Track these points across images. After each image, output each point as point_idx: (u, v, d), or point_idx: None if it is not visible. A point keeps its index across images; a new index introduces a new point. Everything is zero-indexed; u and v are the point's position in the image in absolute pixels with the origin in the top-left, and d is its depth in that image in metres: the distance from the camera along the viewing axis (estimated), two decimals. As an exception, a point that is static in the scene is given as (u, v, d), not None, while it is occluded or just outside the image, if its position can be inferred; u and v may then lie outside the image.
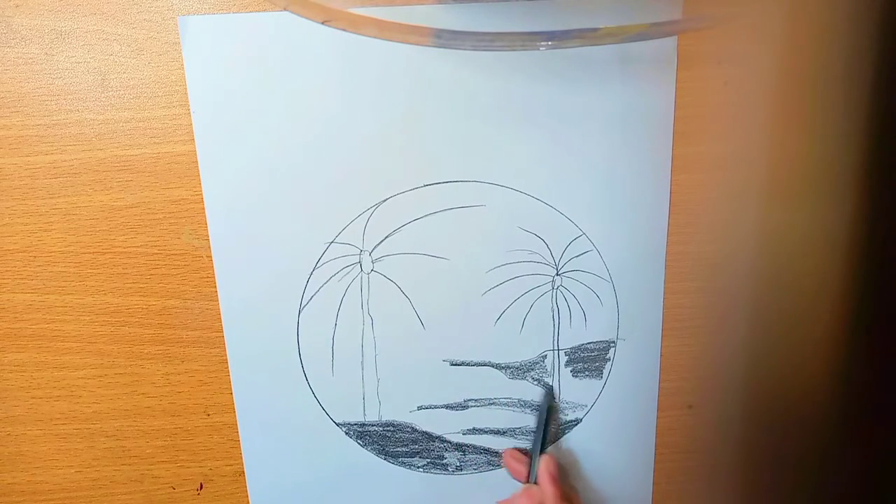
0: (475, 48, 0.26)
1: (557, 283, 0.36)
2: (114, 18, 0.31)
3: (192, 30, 0.31)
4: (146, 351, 0.35)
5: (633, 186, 0.35)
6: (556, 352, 0.37)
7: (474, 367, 0.37)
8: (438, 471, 0.38)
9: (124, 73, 0.32)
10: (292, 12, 0.25)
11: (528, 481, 0.35)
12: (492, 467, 0.38)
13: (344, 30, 0.25)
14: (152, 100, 0.32)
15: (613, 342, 0.37)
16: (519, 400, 0.37)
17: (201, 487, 0.38)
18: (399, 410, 0.37)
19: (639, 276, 0.36)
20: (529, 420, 0.37)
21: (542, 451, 0.36)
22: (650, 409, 0.38)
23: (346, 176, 0.34)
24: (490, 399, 0.37)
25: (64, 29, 0.31)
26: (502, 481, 0.38)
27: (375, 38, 0.25)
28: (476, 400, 0.37)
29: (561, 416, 0.38)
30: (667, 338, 0.37)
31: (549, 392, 0.37)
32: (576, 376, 0.37)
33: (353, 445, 0.37)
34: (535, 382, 0.37)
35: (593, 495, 0.39)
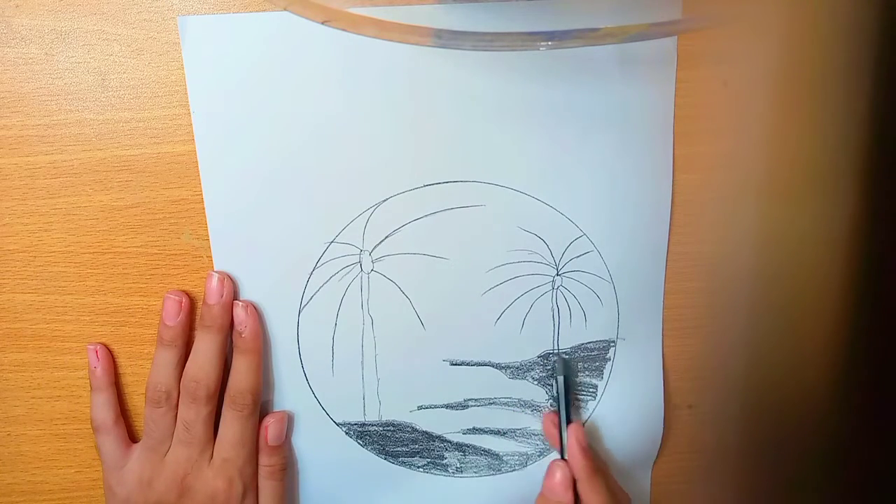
0: (475, 48, 0.26)
1: (557, 283, 0.36)
2: (114, 18, 0.31)
3: (192, 30, 0.31)
4: (146, 351, 0.35)
5: (633, 187, 0.35)
6: (556, 352, 0.37)
7: (474, 367, 0.37)
8: (439, 472, 0.38)
9: (124, 73, 0.32)
10: (292, 12, 0.25)
11: (561, 455, 0.35)
12: (492, 471, 0.38)
13: (344, 30, 0.25)
14: (152, 100, 0.32)
15: (613, 342, 0.37)
16: (519, 400, 0.37)
17: (201, 487, 0.38)
18: (399, 410, 0.37)
19: (639, 277, 0.36)
20: (529, 420, 0.37)
21: (568, 420, 0.36)
22: (654, 408, 0.38)
23: (346, 176, 0.34)
24: (490, 399, 0.37)
25: (64, 29, 0.31)
26: (503, 487, 0.38)
27: (375, 38, 0.25)
28: (476, 400, 0.37)
29: (561, 416, 0.38)
30: (667, 338, 0.37)
31: (564, 361, 0.37)
32: (576, 376, 0.37)
33: (353, 445, 0.37)
34: (536, 382, 0.37)
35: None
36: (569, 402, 0.36)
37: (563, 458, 0.35)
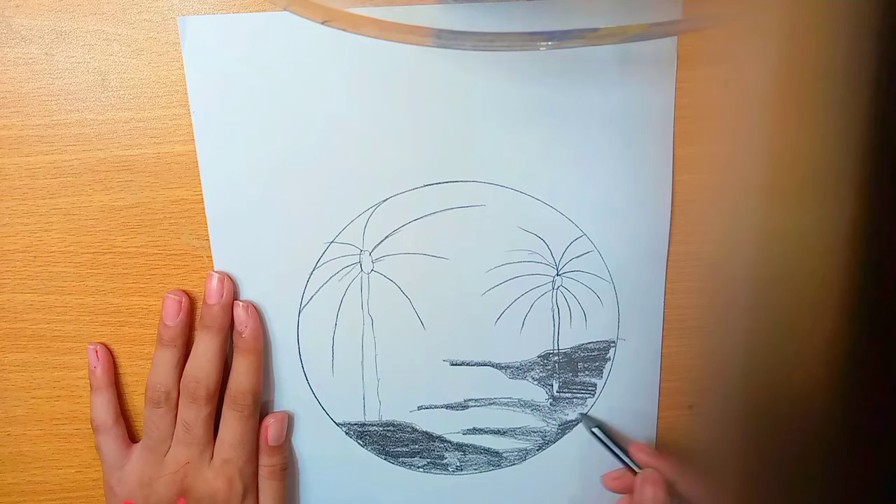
0: (475, 48, 0.26)
1: (558, 283, 0.36)
2: (114, 18, 0.31)
3: (192, 30, 0.31)
4: (146, 351, 0.35)
5: (633, 187, 0.35)
6: (556, 352, 0.37)
7: (474, 367, 0.37)
8: (439, 471, 0.38)
9: (124, 73, 0.32)
10: (292, 12, 0.25)
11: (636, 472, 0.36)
12: (492, 467, 0.38)
13: (344, 30, 0.25)
14: (152, 100, 0.32)
15: (613, 342, 0.37)
16: (519, 400, 0.37)
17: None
18: (399, 410, 0.37)
19: (639, 277, 0.36)
20: (529, 420, 0.37)
21: (630, 461, 0.36)
22: (650, 409, 0.38)
23: (346, 176, 0.34)
24: (490, 399, 0.37)
25: (64, 29, 0.31)
26: (502, 481, 0.38)
27: (375, 38, 0.25)
28: (476, 400, 0.37)
29: (561, 415, 0.38)
30: (667, 338, 0.37)
31: (588, 418, 0.37)
32: (576, 376, 0.37)
33: (353, 445, 0.37)
34: (536, 382, 0.37)
35: (593, 495, 0.39)
36: (618, 444, 0.37)
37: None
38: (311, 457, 0.37)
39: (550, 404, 0.37)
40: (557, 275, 0.36)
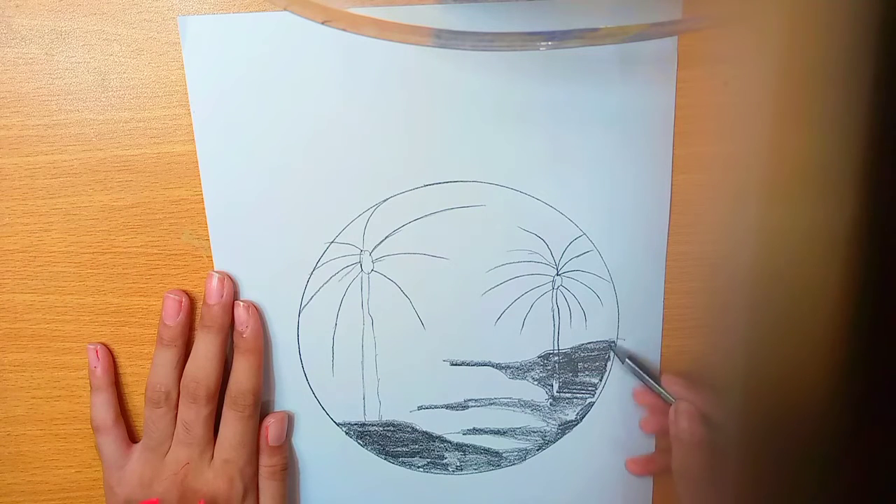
0: (475, 48, 0.26)
1: (557, 283, 0.36)
2: (114, 18, 0.31)
3: (192, 30, 0.31)
4: (146, 351, 0.35)
5: (633, 186, 0.35)
6: (556, 352, 0.37)
7: (474, 367, 0.37)
8: (439, 471, 0.38)
9: (124, 73, 0.32)
10: (292, 12, 0.25)
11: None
12: (492, 467, 0.38)
13: (344, 30, 0.25)
14: (152, 100, 0.32)
15: (614, 342, 0.37)
16: (519, 400, 0.37)
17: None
18: (399, 410, 0.37)
19: (639, 277, 0.36)
20: (529, 420, 0.37)
21: (663, 392, 0.36)
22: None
23: (346, 176, 0.34)
24: (490, 399, 0.37)
25: (64, 29, 0.31)
26: (502, 481, 0.38)
27: (375, 38, 0.25)
28: (476, 400, 0.37)
29: (561, 415, 0.38)
30: (667, 338, 0.37)
31: (620, 349, 0.37)
32: (576, 376, 0.37)
33: (353, 445, 0.37)
34: (536, 382, 0.37)
35: (593, 495, 0.39)
36: (649, 372, 0.36)
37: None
38: (311, 457, 0.37)
39: (550, 404, 0.37)
40: (557, 274, 0.36)
